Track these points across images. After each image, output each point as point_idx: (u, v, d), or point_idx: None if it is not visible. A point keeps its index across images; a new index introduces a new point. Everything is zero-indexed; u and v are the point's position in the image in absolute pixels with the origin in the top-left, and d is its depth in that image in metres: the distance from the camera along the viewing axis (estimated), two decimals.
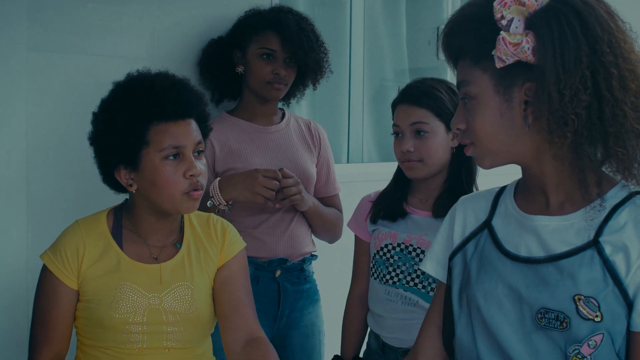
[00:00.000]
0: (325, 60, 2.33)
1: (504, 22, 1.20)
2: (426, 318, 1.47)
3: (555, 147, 1.21)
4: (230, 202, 2.11)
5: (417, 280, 1.96)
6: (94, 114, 1.69)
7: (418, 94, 1.96)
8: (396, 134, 2.00)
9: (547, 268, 1.24)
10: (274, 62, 2.23)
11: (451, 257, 1.40)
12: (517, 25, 1.19)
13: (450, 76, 3.75)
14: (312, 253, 2.35)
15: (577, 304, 1.20)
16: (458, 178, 1.97)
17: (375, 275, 2.04)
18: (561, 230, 1.25)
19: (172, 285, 1.67)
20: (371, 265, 2.06)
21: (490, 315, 1.29)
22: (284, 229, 2.26)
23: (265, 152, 2.27)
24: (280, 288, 2.25)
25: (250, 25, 2.26)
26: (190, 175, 1.62)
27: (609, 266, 1.19)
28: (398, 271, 1.98)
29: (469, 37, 1.26)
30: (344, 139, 3.33)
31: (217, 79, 2.33)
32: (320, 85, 2.43)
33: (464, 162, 1.98)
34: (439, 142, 1.95)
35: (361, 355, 2.14)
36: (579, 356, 1.20)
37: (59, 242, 1.67)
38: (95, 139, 1.68)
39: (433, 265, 1.46)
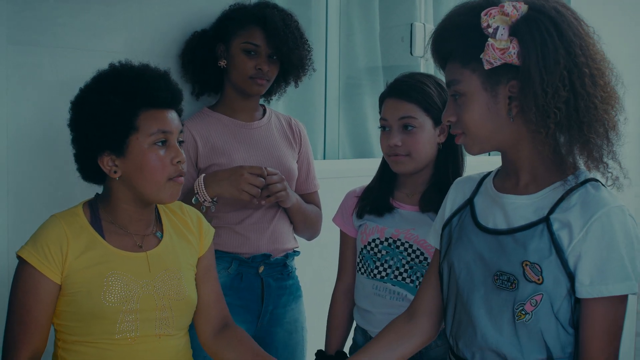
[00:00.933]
0: (308, 57, 2.33)
1: (490, 30, 1.40)
2: (425, 277, 1.70)
3: (540, 136, 1.42)
4: (215, 199, 2.10)
5: (405, 275, 1.97)
6: (76, 99, 1.69)
7: (406, 89, 1.96)
8: (383, 127, 2.01)
9: (506, 238, 1.47)
10: (258, 57, 2.22)
11: (443, 229, 1.64)
12: (502, 33, 1.40)
13: (425, 66, 3.78)
14: (295, 249, 2.36)
15: (525, 268, 1.43)
16: (445, 173, 1.99)
17: (363, 270, 2.04)
18: (523, 207, 1.47)
19: (161, 272, 1.70)
20: (358, 260, 2.07)
21: (461, 277, 1.54)
22: (266, 225, 2.25)
23: (247, 148, 2.26)
24: (263, 284, 2.25)
25: (235, 19, 2.24)
26: (177, 162, 1.66)
27: (554, 239, 1.41)
28: (386, 266, 1.99)
29: (459, 42, 1.46)
30: (320, 135, 3.33)
31: (199, 72, 2.31)
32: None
33: (451, 157, 1.99)
34: (427, 137, 1.96)
35: (347, 350, 2.15)
36: (523, 312, 1.43)
37: (40, 237, 1.63)
38: (78, 125, 1.67)
39: (433, 236, 1.70)
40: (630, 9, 4.89)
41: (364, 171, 3.15)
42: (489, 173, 1.63)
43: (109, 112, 1.62)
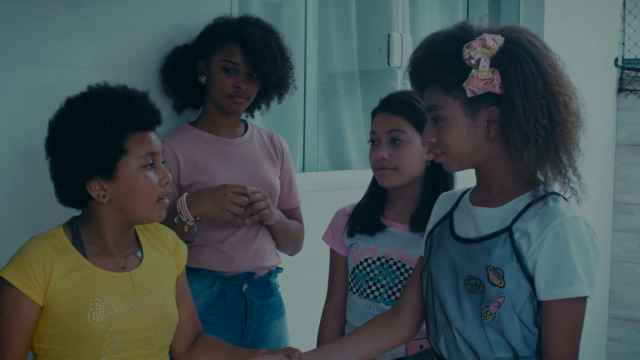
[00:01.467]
0: (289, 75, 2.30)
1: (472, 62, 1.52)
2: (409, 279, 1.82)
3: (522, 160, 1.55)
4: (198, 218, 2.07)
5: (398, 294, 1.96)
6: (59, 122, 1.66)
7: (398, 103, 1.98)
8: (372, 141, 2.01)
9: (475, 246, 1.61)
10: (236, 75, 2.19)
11: (426, 238, 1.77)
12: (484, 64, 1.52)
13: (401, 79, 3.79)
14: (278, 266, 2.34)
15: (489, 273, 1.56)
16: (435, 191, 1.98)
17: (355, 290, 2.03)
18: (491, 218, 1.61)
19: (145, 291, 1.70)
20: (350, 279, 2.05)
21: (438, 281, 1.67)
22: (250, 242, 2.23)
23: (230, 165, 2.24)
24: (247, 302, 2.22)
25: (216, 35, 2.21)
26: (165, 183, 1.68)
27: (515, 246, 1.54)
28: (379, 285, 1.99)
29: (441, 71, 1.58)
30: (299, 148, 3.31)
31: (180, 87, 2.28)
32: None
33: (441, 175, 1.99)
34: (415, 152, 1.96)
35: None
36: (488, 313, 1.57)
37: (23, 258, 1.60)
38: (63, 149, 1.64)
39: (422, 247, 1.81)
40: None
41: (344, 184, 3.15)
42: (469, 188, 1.76)
43: (99, 138, 1.60)
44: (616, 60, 5.18)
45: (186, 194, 2.09)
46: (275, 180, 2.31)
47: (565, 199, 1.59)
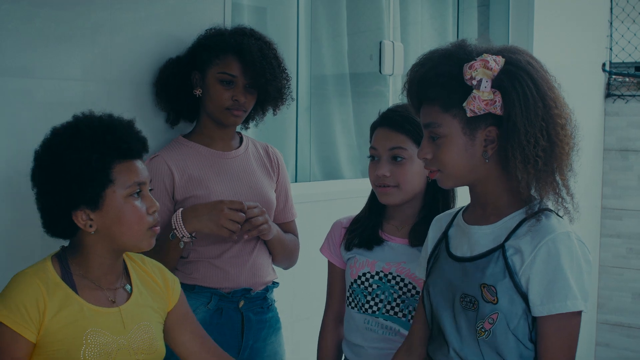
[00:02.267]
0: (287, 87, 2.26)
1: (474, 82, 1.53)
2: (417, 308, 1.82)
3: (521, 181, 1.57)
4: (193, 234, 2.04)
5: (397, 309, 1.94)
6: (45, 154, 1.64)
7: (399, 119, 1.94)
8: (372, 157, 1.98)
9: (469, 265, 1.62)
10: (234, 88, 2.14)
11: (428, 262, 1.78)
12: (486, 85, 1.53)
13: (393, 82, 3.76)
14: (274, 281, 2.30)
15: (482, 290, 1.57)
16: (435, 207, 1.97)
17: (353, 304, 2.00)
18: (484, 236, 1.63)
19: (134, 326, 1.69)
20: (348, 294, 2.02)
21: (436, 300, 1.68)
22: (246, 258, 2.19)
23: (225, 178, 2.19)
24: (243, 319, 2.18)
25: (211, 47, 2.16)
26: (153, 211, 1.67)
27: (507, 263, 1.56)
28: (377, 300, 1.96)
29: (441, 90, 1.58)
30: (292, 157, 3.27)
31: (174, 100, 2.22)
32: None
33: (440, 191, 1.97)
34: (416, 169, 1.93)
35: None
36: (483, 330, 1.58)
37: (14, 296, 1.57)
38: (49, 180, 1.62)
39: (418, 269, 1.83)
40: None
41: (337, 194, 3.12)
42: (462, 207, 1.77)
43: (85, 168, 1.60)
44: (604, 65, 5.20)
45: (181, 209, 2.05)
46: (271, 194, 2.27)
47: (558, 215, 1.60)
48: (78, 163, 1.59)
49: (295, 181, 3.27)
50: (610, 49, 5.22)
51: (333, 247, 2.09)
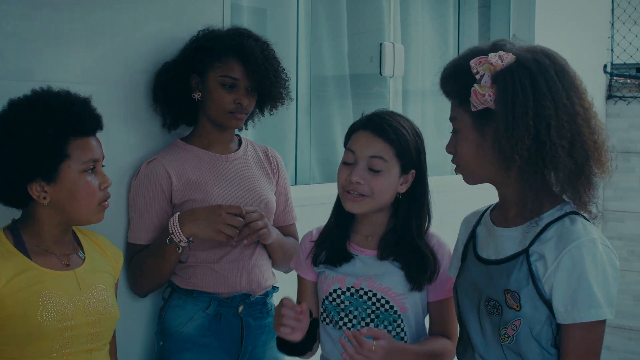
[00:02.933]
0: (286, 87, 2.24)
1: (478, 76, 1.57)
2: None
3: (511, 179, 1.59)
4: (191, 239, 2.01)
5: (372, 325, 1.85)
6: (1, 126, 1.70)
7: (386, 127, 1.84)
8: (345, 161, 1.86)
9: (494, 268, 1.63)
10: (237, 91, 2.12)
11: (460, 263, 1.79)
12: (486, 80, 1.55)
13: (393, 84, 3.74)
14: (274, 285, 2.28)
15: (506, 296, 1.58)
16: (406, 224, 1.88)
17: (328, 321, 1.91)
18: (510, 239, 1.62)
19: (90, 288, 1.76)
20: (321, 310, 1.93)
21: (462, 302, 1.71)
22: (245, 262, 2.18)
23: (224, 182, 2.18)
24: (243, 324, 2.16)
25: (210, 49, 2.13)
26: (105, 187, 1.75)
27: (531, 269, 1.56)
28: (351, 316, 1.87)
29: (455, 85, 1.64)
30: (291, 159, 3.25)
31: (172, 104, 2.20)
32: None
33: (414, 209, 1.89)
34: (390, 181, 1.84)
35: None
36: (506, 335, 1.59)
37: None
38: (5, 153, 1.68)
39: (452, 271, 1.84)
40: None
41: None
42: (491, 205, 1.78)
43: (42, 142, 1.65)
44: (605, 66, 5.17)
45: (178, 213, 2.03)
46: (271, 197, 2.25)
47: (585, 218, 1.59)
48: (35, 136, 1.65)
49: (295, 184, 3.24)
50: (612, 50, 5.20)
51: (303, 261, 1.98)
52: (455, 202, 3.52)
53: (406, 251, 1.86)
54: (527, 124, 1.52)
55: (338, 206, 1.93)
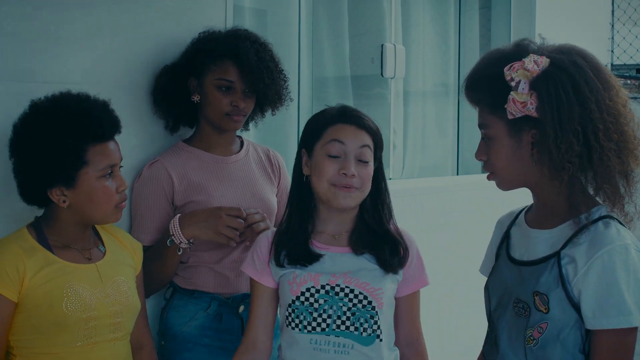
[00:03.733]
0: (285, 88, 2.24)
1: (513, 83, 1.53)
2: None
3: (551, 183, 1.56)
4: (191, 240, 2.03)
5: (348, 323, 1.79)
6: (21, 131, 1.74)
7: (367, 121, 1.84)
8: (331, 154, 1.80)
9: (526, 269, 1.62)
10: (233, 93, 2.12)
11: (494, 262, 1.78)
12: (524, 87, 1.52)
13: (394, 85, 3.75)
14: None
15: (535, 298, 1.56)
16: (378, 213, 1.86)
17: (294, 325, 1.81)
18: (543, 241, 1.61)
19: (111, 280, 1.82)
20: (287, 314, 1.83)
21: (492, 300, 1.71)
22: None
23: (226, 183, 2.18)
24: (243, 324, 2.16)
25: (207, 52, 2.13)
26: (122, 190, 1.80)
27: (561, 273, 1.53)
28: (325, 316, 1.79)
29: (486, 92, 1.60)
30: (293, 160, 3.24)
31: (172, 107, 2.20)
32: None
33: (381, 197, 1.87)
34: (372, 172, 1.84)
35: None
36: (532, 338, 1.57)
37: None
38: (27, 159, 1.73)
39: (484, 269, 1.85)
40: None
41: None
42: (526, 207, 1.76)
43: (61, 150, 1.70)
44: None
45: (179, 215, 2.04)
46: (272, 198, 2.26)
47: (620, 222, 1.56)
48: (55, 145, 1.69)
49: None
50: (612, 51, 5.21)
51: (260, 264, 1.87)
52: (456, 203, 3.53)
53: (378, 241, 1.84)
54: (575, 129, 1.49)
55: (297, 202, 1.87)
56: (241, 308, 2.16)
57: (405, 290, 1.88)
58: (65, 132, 1.70)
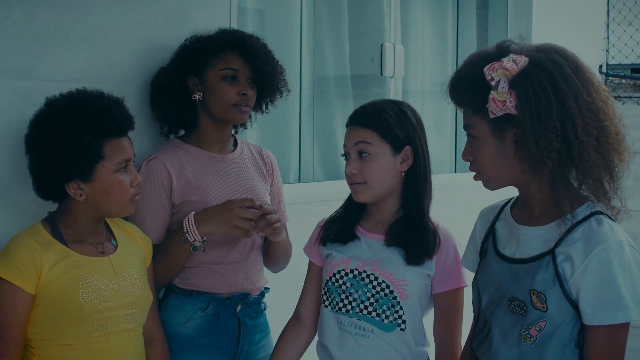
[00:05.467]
0: (283, 77, 2.25)
1: (493, 83, 1.55)
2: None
3: (537, 181, 1.59)
4: (205, 238, 2.01)
5: (370, 309, 1.89)
6: (38, 128, 1.78)
7: (364, 115, 1.92)
8: (345, 155, 1.95)
9: (519, 267, 1.61)
10: (239, 83, 2.12)
11: (480, 257, 1.78)
12: (503, 86, 1.54)
13: (394, 84, 3.78)
14: (266, 286, 2.28)
15: (532, 296, 1.57)
16: (408, 204, 1.93)
17: (327, 303, 1.96)
18: (535, 239, 1.61)
19: (124, 272, 1.87)
20: (323, 292, 1.99)
21: (484, 298, 1.70)
22: (244, 263, 2.18)
23: (222, 182, 2.17)
24: (240, 324, 2.16)
25: (205, 48, 2.13)
26: (136, 184, 1.85)
27: (557, 271, 1.54)
28: (351, 299, 1.92)
29: (468, 93, 1.62)
30: (295, 158, 3.29)
31: (173, 110, 2.18)
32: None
33: (415, 187, 1.93)
34: (383, 164, 1.89)
35: None
36: (529, 336, 1.58)
37: (11, 254, 1.74)
38: (44, 155, 1.77)
39: (468, 263, 1.86)
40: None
41: (338, 194, 3.13)
42: (510, 200, 1.77)
43: (80, 145, 1.75)
44: (600, 67, 5.23)
45: (193, 213, 2.02)
46: (266, 197, 2.25)
47: (611, 218, 1.58)
48: (73, 141, 1.74)
49: (299, 181, 3.29)
50: (607, 51, 5.26)
51: (313, 244, 2.05)
52: (454, 200, 3.58)
53: (409, 233, 1.90)
54: (554, 126, 1.50)
55: (349, 198, 2.01)
56: (238, 307, 2.15)
57: (439, 287, 1.91)
58: (82, 128, 1.75)
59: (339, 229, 1.98)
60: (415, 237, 1.89)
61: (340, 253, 1.95)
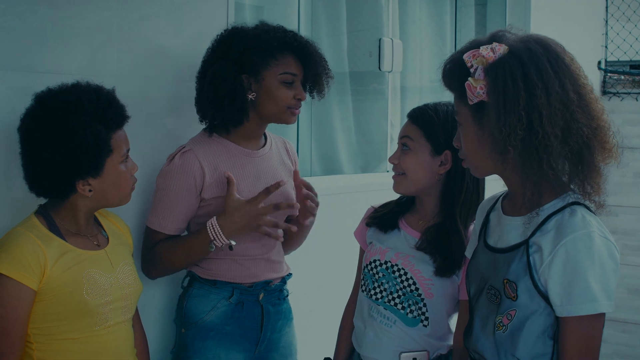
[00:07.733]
0: (332, 83, 2.28)
1: (472, 70, 1.57)
2: None
3: (504, 168, 1.60)
4: (231, 240, 2.04)
5: (397, 301, 1.98)
6: (45, 122, 1.72)
7: (416, 112, 2.02)
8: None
9: (499, 257, 1.64)
10: (295, 87, 2.13)
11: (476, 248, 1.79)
12: (479, 73, 1.56)
13: (392, 79, 3.78)
14: (289, 272, 2.31)
15: (505, 285, 1.59)
16: (444, 212, 1.99)
17: (363, 288, 2.06)
18: (514, 228, 1.63)
19: (119, 264, 1.89)
20: (362, 276, 2.08)
21: (470, 287, 1.74)
22: (267, 255, 2.21)
23: (253, 179, 2.17)
24: (263, 311, 2.19)
25: (263, 49, 2.10)
26: (134, 172, 1.87)
27: (529, 261, 1.56)
28: (382, 288, 2.00)
29: (453, 79, 1.64)
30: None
31: (234, 111, 2.12)
32: None
33: (448, 196, 1.98)
34: (420, 160, 1.96)
35: None
36: (501, 324, 1.60)
37: (14, 251, 1.69)
38: (50, 150, 1.71)
39: (469, 252, 1.86)
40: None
41: (336, 189, 3.15)
42: (506, 191, 1.77)
43: (97, 141, 1.73)
44: (599, 63, 5.24)
45: (215, 218, 2.03)
46: (292, 191, 2.26)
47: (588, 208, 1.58)
48: (89, 137, 1.72)
49: None
50: (606, 47, 5.27)
51: (361, 228, 2.15)
52: None
53: (441, 239, 1.95)
54: (519, 114, 1.50)
55: None
56: (261, 295, 2.18)
57: (465, 294, 1.90)
58: (96, 123, 1.73)
59: (385, 214, 2.07)
60: (445, 245, 1.94)
61: (379, 242, 2.04)
